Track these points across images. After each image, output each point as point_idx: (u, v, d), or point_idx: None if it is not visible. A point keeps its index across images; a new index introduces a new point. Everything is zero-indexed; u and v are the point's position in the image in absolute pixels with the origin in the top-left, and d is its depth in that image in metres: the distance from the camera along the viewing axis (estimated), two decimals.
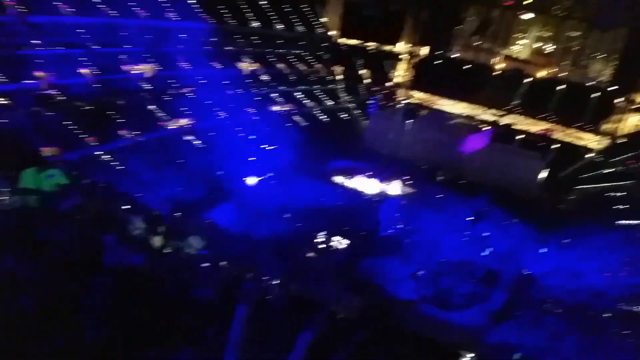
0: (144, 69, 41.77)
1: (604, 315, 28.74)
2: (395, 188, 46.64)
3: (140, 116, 37.43)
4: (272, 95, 55.25)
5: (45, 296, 14.67)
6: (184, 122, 41.37)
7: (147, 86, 41.08)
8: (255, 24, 59.31)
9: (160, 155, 35.19)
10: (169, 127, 39.67)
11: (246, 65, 55.09)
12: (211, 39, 50.68)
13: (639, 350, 25.00)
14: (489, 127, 59.19)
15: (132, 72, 40.36)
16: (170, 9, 47.28)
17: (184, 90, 44.51)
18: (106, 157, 31.63)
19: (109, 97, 36.66)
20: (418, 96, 69.29)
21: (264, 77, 56.45)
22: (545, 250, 38.66)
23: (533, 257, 37.05)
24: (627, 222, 41.47)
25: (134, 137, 34.83)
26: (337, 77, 66.33)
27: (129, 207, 25.95)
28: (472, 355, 23.62)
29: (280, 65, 59.91)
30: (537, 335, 27.49)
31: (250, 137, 44.85)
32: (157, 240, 24.85)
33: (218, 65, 50.43)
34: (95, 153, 31.91)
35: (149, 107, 39.61)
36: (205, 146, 40.93)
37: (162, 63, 43.89)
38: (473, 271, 33.86)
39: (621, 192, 47.94)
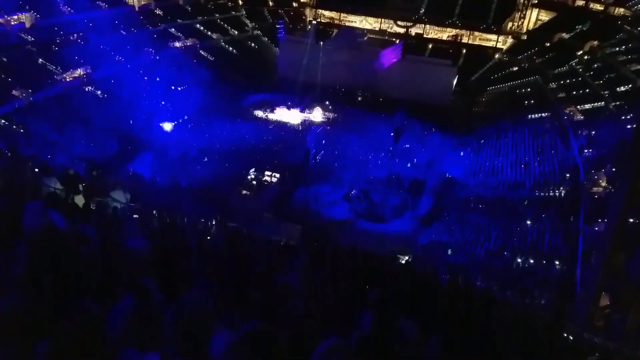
0: (22, 18, 38.88)
1: (523, 202, 33.12)
2: (317, 115, 48.12)
3: (30, 72, 35.38)
4: (170, 30, 53.48)
5: None
6: (79, 72, 39.56)
7: (29, 38, 38.52)
8: None
9: (62, 111, 33.86)
10: (64, 80, 37.88)
11: (136, 1, 52.48)
12: None
13: (554, 226, 29.32)
14: (400, 40, 61.47)
15: (9, 23, 37.48)
16: None
17: (72, 37, 42.11)
18: (2, 121, 30.16)
19: None
20: (326, 14, 69.57)
21: (158, 12, 54.28)
22: (463, 153, 42.75)
23: (453, 161, 40.89)
24: (536, 115, 46.35)
25: (28, 96, 33.13)
26: (238, 3, 64.73)
27: (41, 170, 25.59)
28: (408, 257, 26.85)
29: None
30: (464, 230, 31.30)
31: (155, 79, 43.71)
32: (80, 199, 24.96)
33: (104, 5, 47.77)
34: None
35: (38, 60, 37.39)
36: (108, 96, 39.61)
37: (40, 10, 40.98)
38: (400, 183, 37.08)
39: (529, 88, 52.74)
